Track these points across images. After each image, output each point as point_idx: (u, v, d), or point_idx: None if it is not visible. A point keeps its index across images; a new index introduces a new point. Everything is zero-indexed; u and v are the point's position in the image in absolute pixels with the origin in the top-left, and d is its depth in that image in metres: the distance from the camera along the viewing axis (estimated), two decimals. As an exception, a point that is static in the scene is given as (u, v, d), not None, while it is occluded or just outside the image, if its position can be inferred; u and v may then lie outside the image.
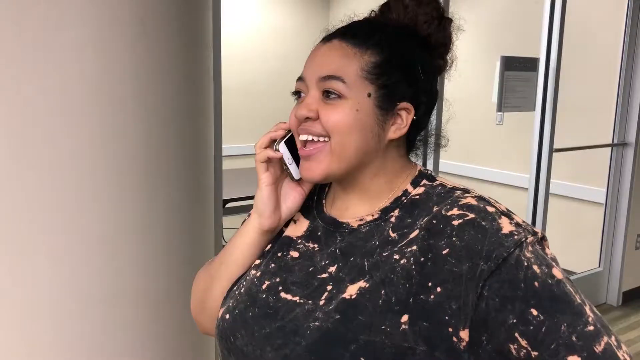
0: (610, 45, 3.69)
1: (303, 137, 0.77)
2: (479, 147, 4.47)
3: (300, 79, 0.78)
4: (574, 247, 4.02)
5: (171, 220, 1.61)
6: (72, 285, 1.44)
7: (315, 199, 0.86)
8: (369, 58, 0.75)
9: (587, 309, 0.66)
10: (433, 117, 0.84)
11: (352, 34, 0.77)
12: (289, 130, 0.81)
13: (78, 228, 1.43)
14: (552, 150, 3.21)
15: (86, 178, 1.42)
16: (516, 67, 2.97)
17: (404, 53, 0.76)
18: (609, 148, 3.67)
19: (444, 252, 0.69)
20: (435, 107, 0.83)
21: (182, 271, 1.65)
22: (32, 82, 1.33)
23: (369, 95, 0.74)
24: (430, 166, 2.77)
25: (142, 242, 1.54)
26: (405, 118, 0.77)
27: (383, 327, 0.68)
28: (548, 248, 0.71)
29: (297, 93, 0.79)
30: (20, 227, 1.37)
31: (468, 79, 4.27)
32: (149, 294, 1.57)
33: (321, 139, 0.76)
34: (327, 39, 0.78)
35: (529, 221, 3.27)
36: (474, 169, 4.52)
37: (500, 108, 2.96)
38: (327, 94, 0.75)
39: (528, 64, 3.03)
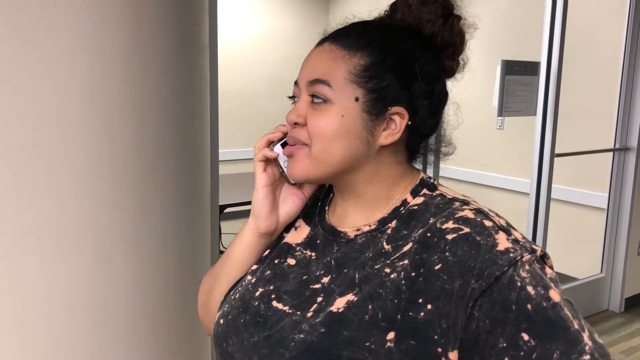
0: (611, 49, 3.67)
1: (292, 144, 0.76)
2: (479, 151, 4.44)
3: (295, 83, 0.77)
4: (575, 253, 3.99)
5: (166, 226, 1.59)
6: (65, 291, 1.42)
7: (319, 206, 0.84)
8: (357, 60, 0.72)
9: (585, 336, 0.62)
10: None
11: (344, 35, 0.74)
12: (287, 133, 0.80)
13: (71, 233, 1.41)
14: (553, 155, 3.18)
15: (79, 182, 1.40)
16: (517, 71, 2.95)
17: (399, 54, 0.73)
18: (611, 153, 3.64)
19: (436, 267, 0.66)
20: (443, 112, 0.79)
21: (177, 277, 1.63)
22: (24, 85, 1.31)
23: (357, 99, 0.71)
24: (430, 172, 2.75)
25: (136, 247, 1.52)
26: (398, 123, 0.73)
27: (367, 343, 0.65)
28: (549, 267, 0.67)
29: (293, 97, 0.78)
30: (12, 231, 1.35)
31: (468, 83, 4.24)
32: (143, 300, 1.55)
33: (306, 145, 0.74)
34: (321, 42, 0.76)
35: (530, 227, 3.25)
36: (474, 174, 4.50)
37: (501, 112, 2.94)
38: (313, 98, 0.73)
39: (529, 68, 3.00)
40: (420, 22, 0.75)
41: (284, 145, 0.79)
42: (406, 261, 0.69)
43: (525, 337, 0.61)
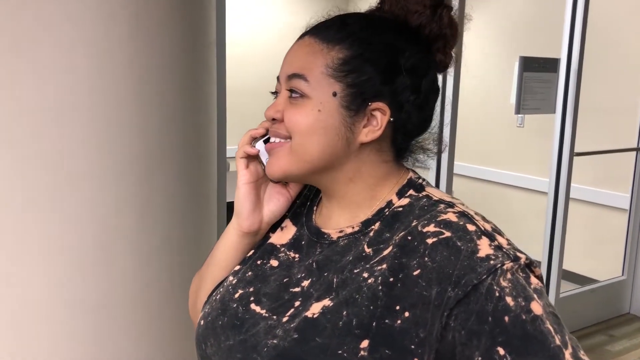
0: (635, 45, 3.56)
1: (272, 139, 0.75)
2: (498, 149, 4.37)
3: (277, 78, 0.75)
4: (596, 254, 3.90)
5: (170, 223, 1.58)
6: (66, 289, 1.42)
7: (307, 206, 0.82)
8: (336, 54, 0.69)
9: (566, 353, 0.58)
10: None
11: (324, 28, 0.71)
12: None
13: (73, 230, 1.40)
14: (572, 154, 3.11)
15: (81, 179, 1.39)
16: (535, 68, 2.88)
17: (381, 47, 0.70)
18: (634, 152, 3.54)
19: (415, 273, 0.63)
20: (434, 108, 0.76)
21: (182, 276, 1.61)
22: (24, 81, 1.31)
23: (335, 94, 0.69)
24: (444, 169, 2.70)
25: (139, 245, 1.51)
26: (380, 120, 0.70)
27: (340, 351, 0.62)
28: (535, 276, 0.63)
29: (275, 93, 0.76)
30: (12, 228, 1.35)
31: (487, 80, 4.18)
32: (146, 298, 1.54)
33: (288, 140, 0.72)
34: (302, 35, 0.74)
35: (548, 227, 3.18)
36: (492, 172, 4.42)
37: (518, 110, 2.88)
38: (291, 93, 0.71)
39: (548, 65, 2.93)
40: (407, 13, 0.72)
41: (267, 142, 0.77)
42: (385, 265, 0.66)
43: (501, 351, 0.57)
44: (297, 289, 0.71)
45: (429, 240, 0.64)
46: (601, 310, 3.54)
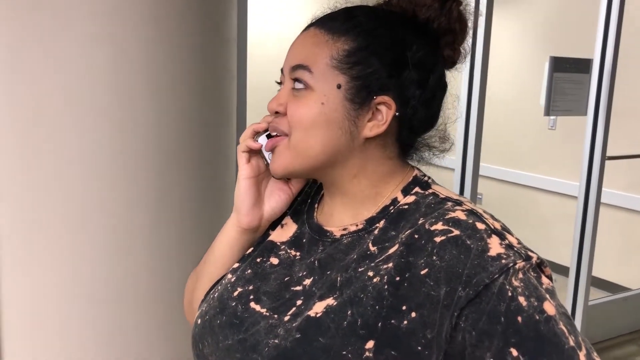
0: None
1: (272, 133, 0.73)
2: (528, 151, 4.28)
3: (282, 70, 0.73)
4: (629, 261, 3.79)
5: (185, 220, 1.58)
6: (80, 285, 1.43)
7: (308, 203, 0.80)
8: (342, 45, 0.67)
9: (581, 355, 0.56)
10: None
11: (330, 19, 0.70)
12: None
13: (87, 227, 1.41)
14: (604, 158, 3.02)
15: (97, 177, 1.40)
16: (567, 68, 2.80)
17: (387, 40, 0.68)
18: (670, 157, 3.42)
19: (422, 272, 0.61)
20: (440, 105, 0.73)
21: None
22: (43, 78, 1.32)
23: (339, 86, 0.67)
24: (469, 170, 2.64)
25: (152, 242, 1.51)
26: (385, 114, 0.68)
27: (344, 352, 0.60)
28: (546, 277, 0.61)
29: (280, 84, 0.74)
30: (28, 225, 1.37)
31: (517, 81, 4.09)
32: (158, 296, 1.54)
33: (286, 136, 0.70)
34: (307, 27, 0.72)
35: (578, 232, 3.09)
36: (522, 175, 4.33)
37: (548, 111, 2.80)
38: (295, 84, 0.69)
39: (580, 66, 2.85)
40: (415, 6, 0.70)
41: (270, 136, 0.75)
42: (391, 264, 0.63)
43: (514, 352, 0.55)
44: (298, 288, 0.70)
45: (437, 239, 0.62)
46: (633, 319, 3.43)
